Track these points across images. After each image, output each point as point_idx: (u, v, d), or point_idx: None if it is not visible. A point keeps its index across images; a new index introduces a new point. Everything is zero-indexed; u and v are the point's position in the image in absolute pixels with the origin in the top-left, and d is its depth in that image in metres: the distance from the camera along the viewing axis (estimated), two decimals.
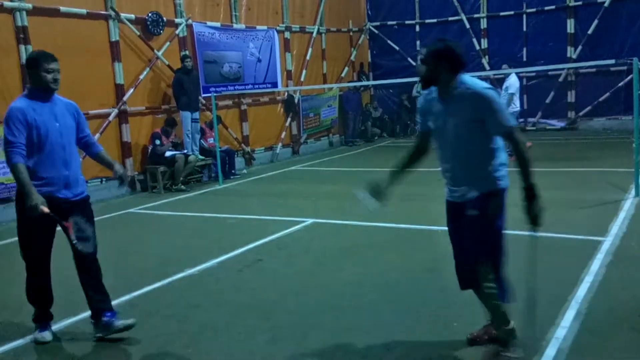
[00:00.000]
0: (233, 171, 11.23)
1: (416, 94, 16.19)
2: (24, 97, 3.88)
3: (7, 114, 3.77)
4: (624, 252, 5.09)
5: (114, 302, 4.58)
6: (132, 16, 10.04)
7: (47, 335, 3.99)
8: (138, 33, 10.13)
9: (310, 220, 6.81)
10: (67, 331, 4.16)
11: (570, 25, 14.59)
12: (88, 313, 4.09)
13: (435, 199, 8.03)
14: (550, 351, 3.36)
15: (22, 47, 8.40)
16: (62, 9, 8.96)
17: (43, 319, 4.05)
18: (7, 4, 8.26)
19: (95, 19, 9.53)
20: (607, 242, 5.36)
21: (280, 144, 13.65)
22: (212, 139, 10.92)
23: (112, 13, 9.68)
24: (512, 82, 11.45)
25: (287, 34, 13.86)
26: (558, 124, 15.16)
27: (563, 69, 14.51)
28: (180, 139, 10.49)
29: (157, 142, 9.95)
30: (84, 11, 9.28)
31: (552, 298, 4.13)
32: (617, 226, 5.88)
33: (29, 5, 8.47)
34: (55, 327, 4.15)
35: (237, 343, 3.81)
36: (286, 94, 13.99)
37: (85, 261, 3.93)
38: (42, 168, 3.78)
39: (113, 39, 9.76)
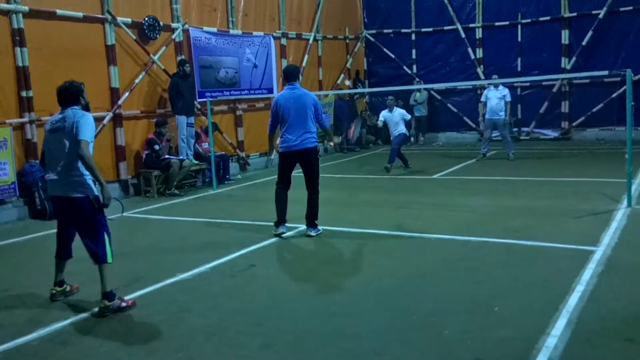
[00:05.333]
0: (227, 176, 11.23)
1: (413, 102, 16.27)
2: None
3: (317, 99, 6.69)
4: (615, 262, 5.12)
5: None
6: (129, 20, 10.05)
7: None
8: (134, 37, 10.14)
9: (303, 226, 6.81)
10: (58, 335, 4.14)
11: (565, 36, 14.71)
12: (80, 316, 4.04)
13: (427, 206, 8.09)
14: None
15: (18, 49, 8.39)
16: (59, 11, 8.95)
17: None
18: (3, 5, 8.24)
19: (92, 22, 9.53)
20: (599, 252, 5.38)
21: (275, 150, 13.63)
22: (206, 143, 10.92)
23: (109, 17, 9.68)
24: (507, 91, 11.97)
25: (283, 41, 13.89)
26: (552, 133, 15.24)
27: (557, 79, 14.61)
28: (175, 142, 10.49)
29: (157, 147, 9.92)
30: (80, 14, 9.28)
31: (544, 307, 4.15)
32: (609, 236, 5.91)
33: (25, 8, 8.47)
34: (45, 330, 4.16)
35: (229, 348, 3.80)
36: None
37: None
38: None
39: (109, 43, 9.75)
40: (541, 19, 14.94)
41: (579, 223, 6.66)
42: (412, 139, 16.75)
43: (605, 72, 8.17)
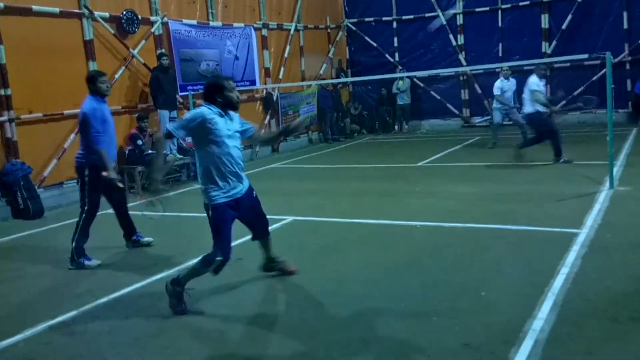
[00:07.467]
0: None
1: (396, 90, 16.28)
2: None
3: None
4: (598, 244, 5.17)
5: (91, 305, 4.56)
6: (107, 14, 9.91)
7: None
8: (113, 31, 10.01)
9: (290, 218, 6.80)
10: (42, 337, 4.11)
11: (545, 21, 14.78)
12: (64, 317, 4.00)
13: (413, 194, 8.12)
14: (528, 342, 3.39)
15: None
16: (35, 7, 8.80)
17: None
18: None
19: (69, 17, 9.39)
20: (583, 234, 5.44)
21: None
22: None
23: (86, 11, 9.55)
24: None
25: (264, 31, 13.81)
26: None
27: (538, 63, 14.65)
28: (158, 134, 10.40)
29: (140, 142, 9.84)
30: (57, 10, 9.14)
31: (529, 290, 4.19)
32: (592, 218, 5.97)
33: (1, 5, 8.31)
34: (29, 332, 4.12)
35: (217, 342, 3.79)
36: (264, 91, 13.94)
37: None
38: None
39: (87, 38, 9.63)
40: (521, 3, 15.01)
41: (563, 206, 6.73)
42: (396, 127, 16.80)
43: (585, 56, 8.22)
